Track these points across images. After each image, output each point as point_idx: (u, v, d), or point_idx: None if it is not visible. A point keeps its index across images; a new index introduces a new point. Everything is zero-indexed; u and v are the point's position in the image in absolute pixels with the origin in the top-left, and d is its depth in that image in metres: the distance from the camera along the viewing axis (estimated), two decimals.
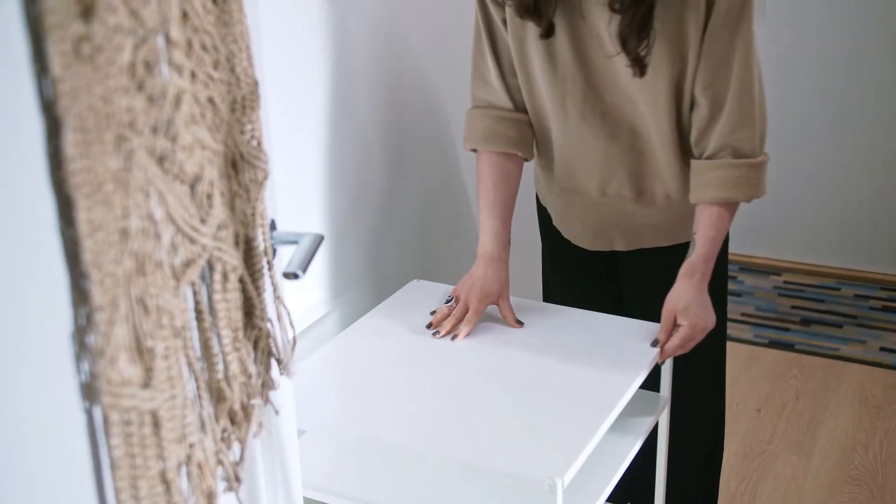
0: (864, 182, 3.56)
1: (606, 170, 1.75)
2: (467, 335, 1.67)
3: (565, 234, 1.93)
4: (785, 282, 3.63)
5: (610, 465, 1.55)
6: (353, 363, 1.63)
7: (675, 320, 1.62)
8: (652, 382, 1.74)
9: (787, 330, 3.29)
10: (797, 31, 3.48)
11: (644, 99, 1.65)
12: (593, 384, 1.52)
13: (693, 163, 1.68)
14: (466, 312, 1.69)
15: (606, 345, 1.63)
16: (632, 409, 1.65)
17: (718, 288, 1.89)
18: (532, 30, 1.66)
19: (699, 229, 1.66)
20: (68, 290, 0.68)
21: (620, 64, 1.61)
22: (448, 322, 1.68)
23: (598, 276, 1.94)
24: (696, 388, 1.92)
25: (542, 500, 1.33)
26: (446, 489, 1.48)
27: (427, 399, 1.51)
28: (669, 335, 1.62)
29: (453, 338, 1.67)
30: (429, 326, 1.70)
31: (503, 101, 1.78)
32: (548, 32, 1.64)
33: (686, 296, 1.62)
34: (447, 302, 1.73)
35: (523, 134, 1.79)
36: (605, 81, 1.66)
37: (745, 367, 3.05)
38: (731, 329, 3.20)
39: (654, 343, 1.62)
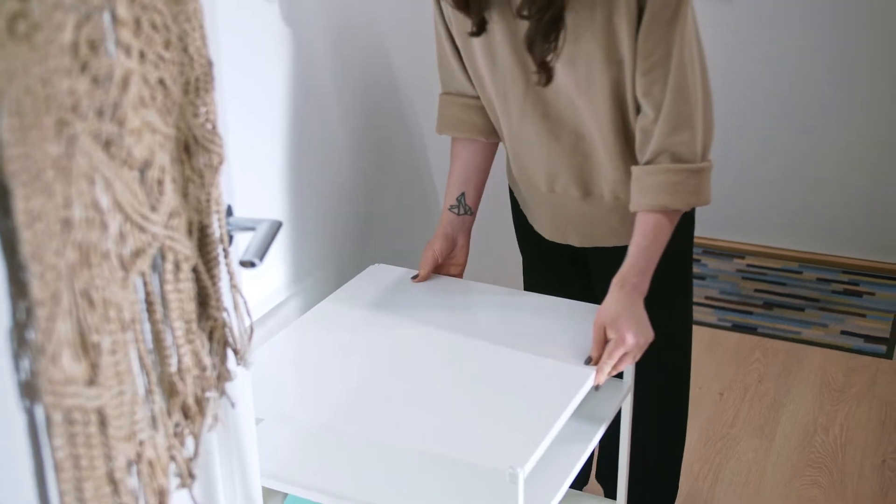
0: (827, 165, 3.57)
1: (552, 168, 1.72)
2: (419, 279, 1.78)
3: (530, 220, 1.91)
4: (748, 265, 3.64)
5: (573, 453, 1.53)
6: (310, 350, 1.60)
7: (605, 333, 1.55)
8: None
9: (749, 313, 3.30)
10: (757, 15, 3.48)
11: (583, 103, 1.61)
12: (555, 372, 1.50)
13: (632, 169, 1.62)
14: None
15: (571, 331, 1.61)
16: (595, 396, 1.63)
17: (684, 271, 1.88)
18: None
19: (633, 239, 1.61)
20: (6, 283, 0.65)
21: (558, 67, 1.58)
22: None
23: (568, 268, 1.92)
24: (661, 370, 1.91)
25: (503, 489, 1.31)
26: (406, 478, 1.45)
27: (386, 387, 1.48)
28: (602, 350, 1.53)
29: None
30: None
31: (468, 88, 1.78)
32: (479, 29, 1.60)
33: (615, 308, 1.54)
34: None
35: (490, 120, 1.79)
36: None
37: (708, 350, 3.05)
38: (695, 312, 3.19)
39: (588, 361, 1.53)
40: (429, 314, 1.68)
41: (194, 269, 0.95)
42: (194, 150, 0.93)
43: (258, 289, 1.70)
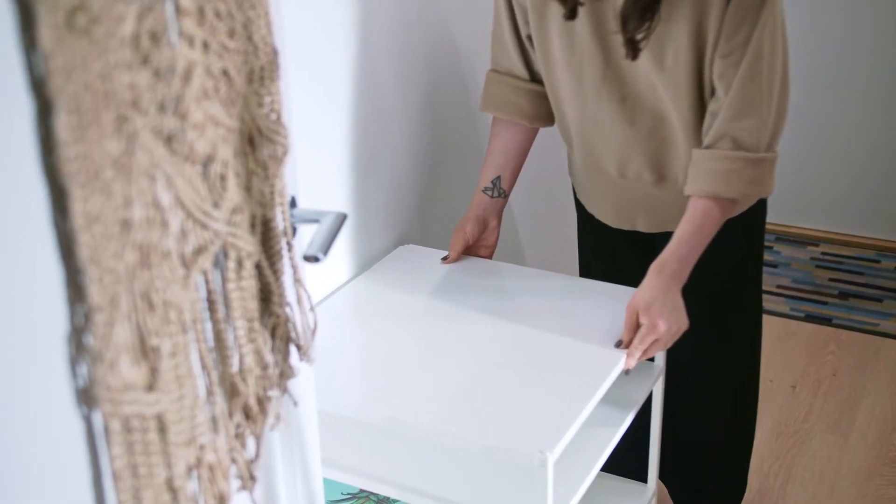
0: None
1: (624, 153, 1.67)
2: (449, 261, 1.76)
3: (588, 209, 1.86)
4: (822, 253, 3.53)
5: (602, 438, 1.51)
6: (337, 333, 1.58)
7: (637, 318, 1.50)
8: None
9: (824, 303, 3.20)
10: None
11: (664, 85, 1.57)
12: (585, 355, 1.48)
13: (693, 152, 1.58)
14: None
15: (602, 314, 1.58)
16: (626, 380, 1.60)
17: (755, 257, 1.82)
18: (553, 7, 1.59)
19: (680, 224, 1.57)
20: (63, 287, 0.62)
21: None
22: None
23: (631, 256, 1.86)
24: (729, 360, 1.85)
25: (532, 474, 1.29)
26: (435, 463, 1.44)
27: (413, 370, 1.46)
28: (633, 335, 1.50)
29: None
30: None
31: (520, 70, 1.74)
32: (572, 14, 1.56)
33: (650, 294, 1.50)
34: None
35: (537, 105, 1.75)
36: (624, 65, 1.58)
37: (780, 341, 2.97)
38: (766, 302, 3.11)
39: (618, 344, 1.50)
40: (456, 296, 1.66)
41: (257, 265, 0.93)
42: (258, 142, 0.91)
43: (319, 281, 1.68)
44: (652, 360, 1.68)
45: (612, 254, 1.90)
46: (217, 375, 0.84)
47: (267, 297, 0.94)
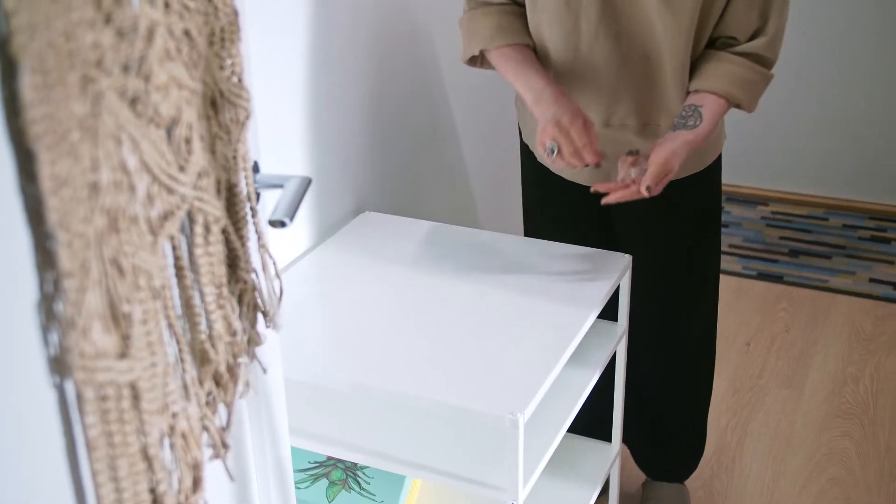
0: (853, 110, 3.49)
1: (614, 96, 1.66)
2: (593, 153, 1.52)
3: (556, 171, 1.83)
4: (772, 212, 3.58)
5: (570, 398, 1.53)
6: (302, 299, 1.57)
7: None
8: (613, 312, 1.70)
9: (775, 262, 3.25)
10: None
11: (664, 22, 1.57)
12: (551, 317, 1.49)
13: (710, 51, 1.61)
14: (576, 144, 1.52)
15: (566, 276, 1.59)
16: (590, 342, 1.63)
17: (714, 217, 1.83)
18: None
19: (708, 107, 1.58)
20: (32, 253, 0.60)
21: None
22: (572, 152, 1.51)
23: (588, 216, 1.85)
24: (686, 319, 1.87)
25: (503, 435, 1.30)
26: (403, 429, 1.44)
27: (381, 335, 1.46)
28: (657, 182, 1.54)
29: (597, 165, 1.53)
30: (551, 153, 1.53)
31: (502, 1, 1.67)
32: None
33: (679, 148, 1.55)
34: (551, 152, 1.52)
35: (528, 29, 1.69)
36: (623, 1, 1.58)
37: (733, 299, 3.01)
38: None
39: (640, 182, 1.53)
40: (419, 261, 1.66)
41: (223, 231, 0.91)
42: (221, 105, 0.89)
43: (282, 249, 1.66)
44: (615, 319, 1.69)
45: (562, 205, 1.87)
46: (187, 343, 0.82)
47: (233, 263, 0.93)
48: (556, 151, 1.51)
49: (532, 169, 1.87)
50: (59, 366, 0.62)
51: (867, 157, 3.52)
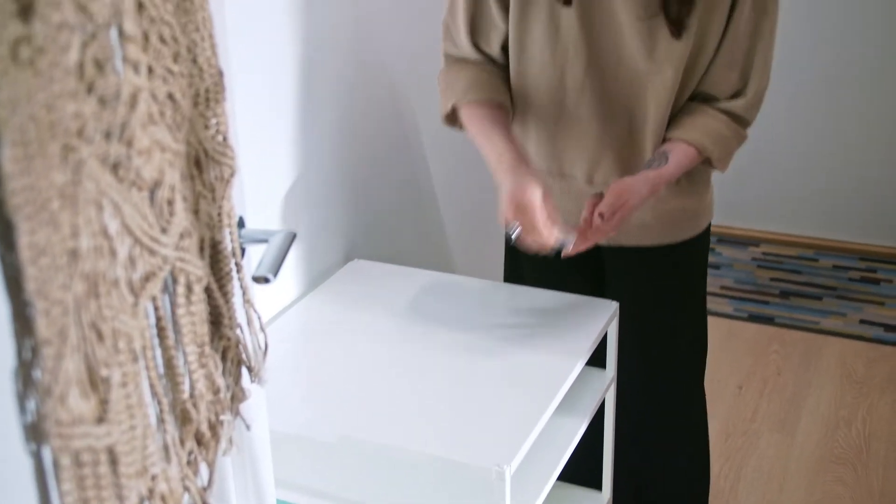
0: (842, 150, 3.51)
1: (597, 153, 1.66)
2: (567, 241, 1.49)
3: None
4: (763, 253, 3.59)
5: (557, 447, 1.53)
6: (290, 350, 1.57)
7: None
8: (601, 359, 1.70)
9: (766, 303, 3.26)
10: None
11: (649, 80, 1.57)
12: (539, 366, 1.49)
13: (689, 103, 1.61)
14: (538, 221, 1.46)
15: (554, 324, 1.60)
16: (578, 390, 1.63)
17: (702, 283, 1.83)
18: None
19: (676, 153, 1.58)
20: (10, 320, 0.61)
21: (630, 37, 1.54)
22: (534, 235, 1.46)
23: (573, 271, 1.83)
24: (677, 371, 1.86)
25: (490, 488, 1.29)
26: (393, 477, 1.44)
27: (367, 389, 1.46)
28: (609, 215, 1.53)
29: (558, 251, 1.48)
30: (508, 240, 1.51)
31: (496, 54, 1.66)
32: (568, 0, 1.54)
33: (639, 186, 1.54)
34: (512, 234, 1.48)
35: (506, 87, 1.66)
36: (610, 57, 1.58)
37: (725, 341, 3.01)
38: (710, 303, 3.15)
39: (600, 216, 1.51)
40: (406, 310, 1.66)
41: (206, 289, 0.92)
42: (205, 164, 0.90)
43: (270, 299, 1.67)
44: (603, 366, 1.69)
45: (551, 267, 1.83)
46: (168, 403, 0.83)
47: (217, 319, 0.94)
48: (516, 234, 1.46)
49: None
50: (35, 433, 0.63)
51: (857, 197, 3.54)
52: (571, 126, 1.65)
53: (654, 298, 1.80)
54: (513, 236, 1.46)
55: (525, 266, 1.88)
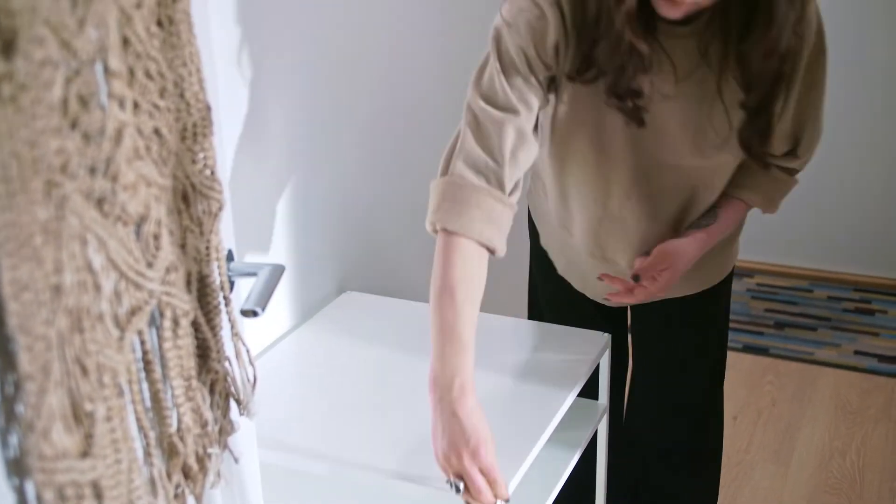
0: (836, 181, 3.53)
1: (642, 246, 1.59)
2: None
3: (577, 287, 1.77)
4: (758, 284, 3.60)
5: (550, 479, 1.53)
6: (282, 382, 1.57)
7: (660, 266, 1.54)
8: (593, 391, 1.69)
9: (761, 334, 3.26)
10: None
11: (701, 178, 1.53)
12: (530, 397, 1.49)
13: (748, 161, 1.53)
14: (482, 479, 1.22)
15: (546, 355, 1.60)
16: (570, 421, 1.63)
17: (724, 324, 1.83)
18: (587, 105, 1.44)
19: (725, 208, 1.57)
20: None
21: (680, 155, 1.48)
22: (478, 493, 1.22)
23: (597, 315, 1.80)
24: (699, 410, 1.86)
25: None
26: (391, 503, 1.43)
27: (362, 421, 1.45)
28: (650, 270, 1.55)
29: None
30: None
31: (503, 183, 1.35)
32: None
33: (689, 249, 1.54)
34: (457, 491, 1.23)
35: (510, 225, 1.39)
36: (660, 164, 1.50)
37: None
38: None
39: (636, 278, 1.55)
40: (402, 341, 1.66)
41: (194, 322, 0.92)
42: (192, 198, 0.90)
43: (262, 331, 1.67)
44: (596, 397, 1.69)
45: (572, 311, 1.81)
46: (155, 437, 0.83)
47: (205, 353, 0.94)
48: (460, 490, 1.23)
49: (544, 271, 1.82)
50: (18, 467, 0.63)
51: (851, 228, 3.56)
52: (615, 225, 1.59)
53: (677, 343, 1.80)
54: (458, 492, 1.23)
55: (545, 310, 1.87)
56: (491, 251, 1.36)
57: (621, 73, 1.35)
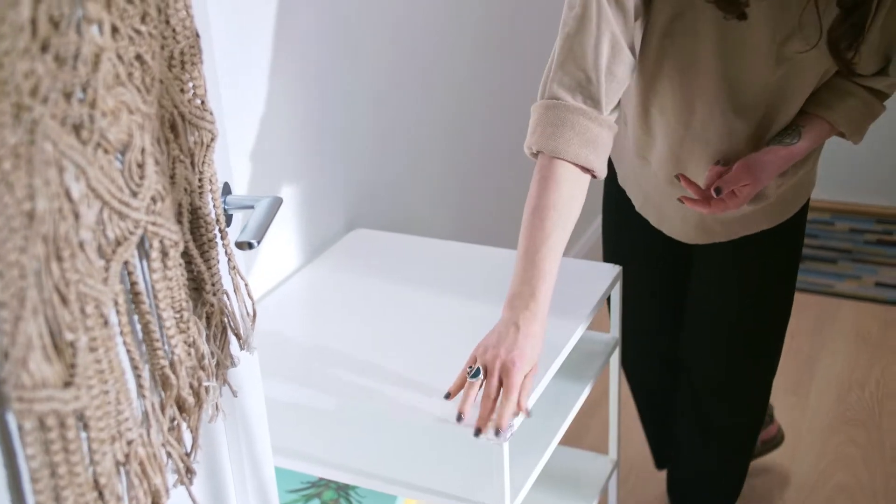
0: None
1: (723, 164, 1.56)
2: (512, 425, 1.24)
3: (655, 223, 1.74)
4: None
5: (561, 412, 1.52)
6: (292, 319, 1.56)
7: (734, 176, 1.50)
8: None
9: None
10: None
11: (790, 91, 1.49)
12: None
13: (831, 79, 1.50)
14: (499, 387, 1.25)
15: (557, 288, 1.57)
16: (580, 355, 1.62)
17: (795, 264, 1.79)
18: (679, 16, 1.42)
19: (810, 128, 1.52)
20: None
21: (766, 66, 1.44)
22: (482, 404, 1.25)
23: (667, 262, 1.81)
24: (762, 341, 1.84)
25: (489, 451, 1.28)
26: (391, 449, 1.43)
27: (370, 355, 1.44)
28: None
29: (497, 433, 1.23)
30: (447, 397, 1.30)
31: (599, 101, 1.33)
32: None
33: (770, 158, 1.50)
34: (471, 375, 1.27)
35: (610, 144, 1.39)
36: (747, 79, 1.47)
37: None
38: None
39: (718, 190, 1.49)
40: (412, 278, 1.65)
41: (187, 254, 0.90)
42: (182, 129, 0.88)
43: (271, 268, 1.66)
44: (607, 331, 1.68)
45: (652, 255, 1.82)
46: (147, 369, 0.82)
47: (199, 286, 0.92)
48: (461, 420, 1.24)
49: (624, 211, 1.80)
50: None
51: (873, 160, 3.49)
52: (697, 143, 1.55)
53: (741, 284, 1.76)
54: (473, 376, 1.26)
55: (629, 255, 1.85)
56: (590, 172, 1.35)
57: None
